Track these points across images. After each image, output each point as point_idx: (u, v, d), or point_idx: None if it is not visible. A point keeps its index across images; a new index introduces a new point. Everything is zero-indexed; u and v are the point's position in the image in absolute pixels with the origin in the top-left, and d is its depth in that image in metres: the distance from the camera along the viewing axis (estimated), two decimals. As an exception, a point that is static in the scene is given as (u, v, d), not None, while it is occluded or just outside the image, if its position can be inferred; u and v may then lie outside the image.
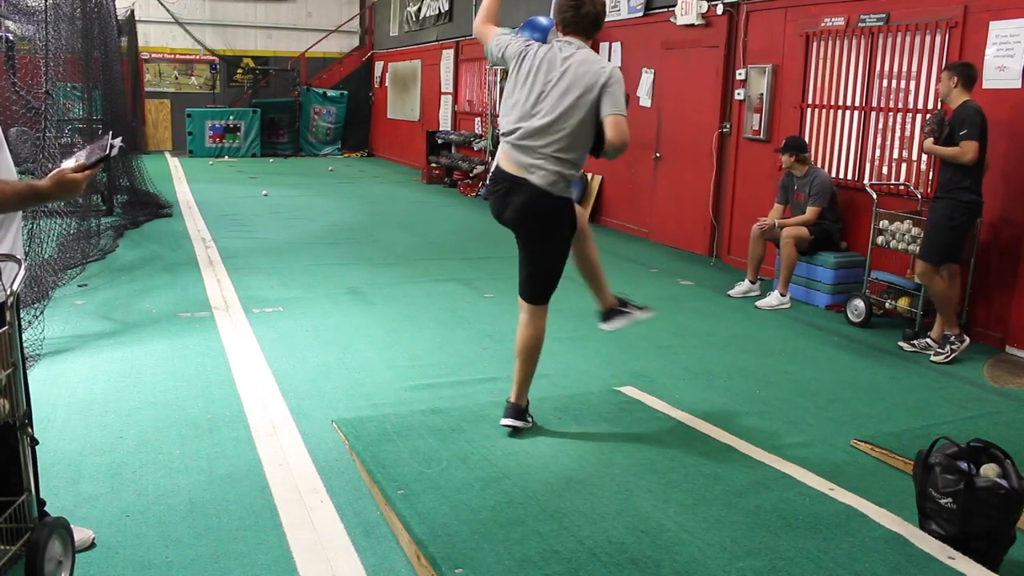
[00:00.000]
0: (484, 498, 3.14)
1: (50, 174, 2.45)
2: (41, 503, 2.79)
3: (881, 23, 6.49)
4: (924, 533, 2.91)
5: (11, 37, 7.34)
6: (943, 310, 5.27)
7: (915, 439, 3.73)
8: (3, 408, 2.36)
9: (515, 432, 3.75)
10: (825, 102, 7.11)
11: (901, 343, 5.50)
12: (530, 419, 3.83)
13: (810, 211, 6.53)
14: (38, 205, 2.90)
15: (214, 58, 19.44)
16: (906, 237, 5.64)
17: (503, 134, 3.67)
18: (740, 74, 8.00)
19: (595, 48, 10.55)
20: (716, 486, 3.28)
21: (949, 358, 5.18)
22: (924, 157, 6.07)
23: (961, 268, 5.58)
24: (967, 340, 5.28)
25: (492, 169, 3.75)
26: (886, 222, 5.84)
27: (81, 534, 2.82)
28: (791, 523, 3.00)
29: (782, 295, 6.48)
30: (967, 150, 4.98)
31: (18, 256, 2.53)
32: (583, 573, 2.65)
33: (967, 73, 5.15)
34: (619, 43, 9.96)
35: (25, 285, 2.67)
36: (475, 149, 13.66)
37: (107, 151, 2.48)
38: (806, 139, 7.01)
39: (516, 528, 2.92)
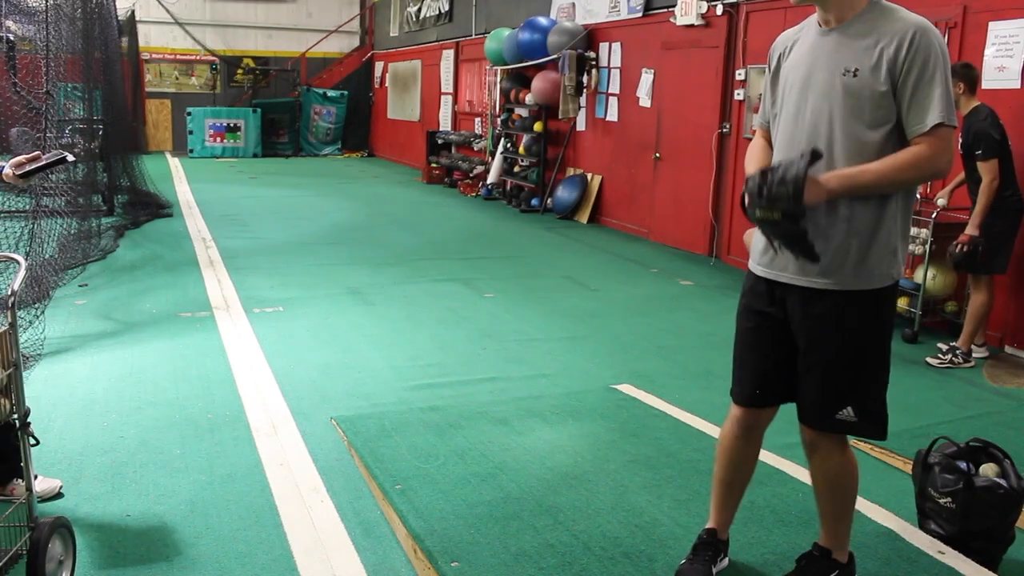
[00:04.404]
0: (480, 493, 3.15)
1: None
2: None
3: (880, 23, 6.48)
4: (915, 528, 2.93)
5: (12, 37, 7.36)
6: (969, 321, 5.15)
7: (915, 439, 3.73)
8: (4, 408, 2.37)
9: None
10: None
11: (927, 356, 5.29)
12: None
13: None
14: None
15: (214, 58, 19.45)
16: (915, 240, 5.54)
17: None
18: (740, 74, 8.01)
19: (595, 49, 10.66)
20: (710, 482, 3.27)
21: (944, 365, 5.09)
22: None
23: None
24: (972, 361, 5.14)
25: None
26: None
27: (47, 483, 2.84)
28: (783, 518, 3.01)
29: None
30: (989, 173, 4.79)
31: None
32: (577, 567, 2.67)
33: (970, 75, 4.95)
34: (619, 43, 9.97)
35: (25, 285, 2.80)
36: (475, 149, 13.67)
37: (61, 159, 2.75)
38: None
39: (512, 523, 2.94)
